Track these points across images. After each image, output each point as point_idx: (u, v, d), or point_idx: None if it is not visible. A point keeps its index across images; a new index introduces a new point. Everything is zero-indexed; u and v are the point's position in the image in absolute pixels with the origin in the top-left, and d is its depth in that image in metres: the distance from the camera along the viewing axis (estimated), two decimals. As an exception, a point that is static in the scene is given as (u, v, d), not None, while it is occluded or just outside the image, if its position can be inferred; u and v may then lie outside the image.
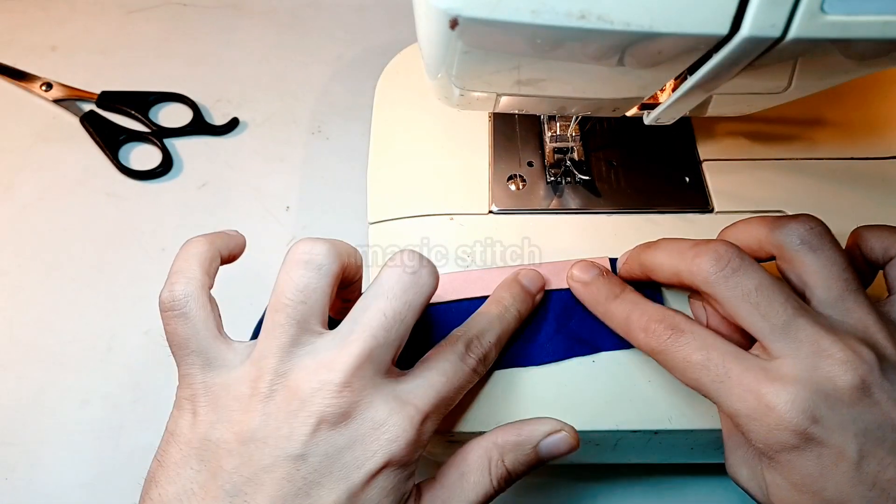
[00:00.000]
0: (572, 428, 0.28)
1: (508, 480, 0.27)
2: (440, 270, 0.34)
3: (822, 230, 0.27)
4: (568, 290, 0.32)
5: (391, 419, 0.25)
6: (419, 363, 0.28)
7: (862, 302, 0.27)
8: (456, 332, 0.29)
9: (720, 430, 0.31)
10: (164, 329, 0.27)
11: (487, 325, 0.30)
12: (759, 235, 0.29)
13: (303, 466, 0.24)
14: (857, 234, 0.30)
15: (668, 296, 0.33)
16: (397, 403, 0.25)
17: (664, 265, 0.29)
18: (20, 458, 0.37)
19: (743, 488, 0.28)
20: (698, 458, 0.34)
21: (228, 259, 0.31)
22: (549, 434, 0.28)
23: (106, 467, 0.37)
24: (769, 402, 0.24)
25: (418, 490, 0.27)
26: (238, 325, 0.41)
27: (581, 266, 0.32)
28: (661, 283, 0.31)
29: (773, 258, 0.29)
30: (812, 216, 0.28)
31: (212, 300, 0.28)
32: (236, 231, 0.32)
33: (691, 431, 0.31)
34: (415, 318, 0.26)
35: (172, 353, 0.27)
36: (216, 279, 0.42)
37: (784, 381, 0.24)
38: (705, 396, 0.26)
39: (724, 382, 0.25)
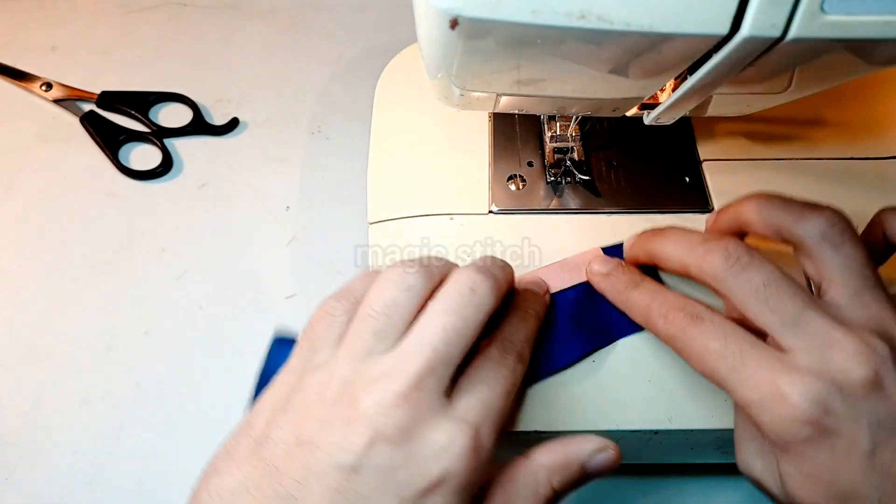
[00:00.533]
0: (616, 446, 0.28)
1: (556, 499, 0.27)
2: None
3: (844, 226, 0.27)
4: (572, 289, 0.33)
5: (449, 439, 0.24)
6: (461, 380, 0.27)
7: (880, 297, 0.27)
8: (484, 343, 0.29)
9: (720, 430, 0.31)
10: (310, 321, 0.28)
11: (514, 327, 0.30)
12: (780, 222, 0.29)
13: (355, 479, 0.24)
14: (880, 216, 0.30)
15: (665, 278, 0.32)
16: (455, 423, 0.25)
17: (672, 257, 0.29)
18: (21, 457, 0.37)
19: (755, 481, 0.28)
20: (698, 458, 0.34)
21: None
22: (597, 452, 0.27)
23: (106, 467, 0.37)
24: (783, 392, 0.24)
25: None
26: (238, 326, 0.41)
27: (599, 260, 0.33)
28: (668, 271, 0.31)
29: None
30: (834, 210, 0.28)
31: None
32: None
33: (691, 431, 0.31)
34: (475, 334, 0.26)
35: (298, 343, 0.28)
36: (216, 280, 0.42)
37: (799, 373, 0.25)
38: (720, 385, 0.26)
39: (739, 372, 0.26)
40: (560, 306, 0.32)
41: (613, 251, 0.34)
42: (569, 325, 0.32)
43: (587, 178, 0.37)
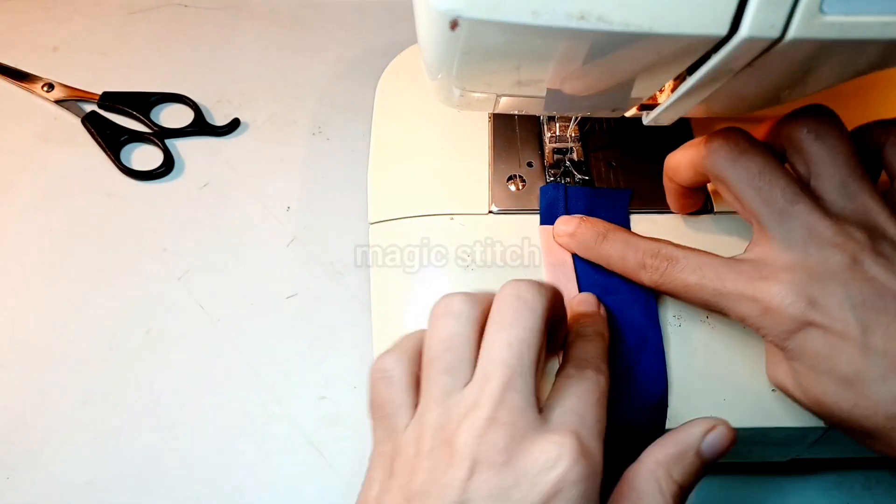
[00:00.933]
0: (724, 421, 0.27)
1: (683, 495, 0.26)
2: (440, 271, 0.34)
3: (830, 119, 0.28)
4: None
5: (556, 448, 0.24)
6: (547, 400, 0.27)
7: (866, 187, 0.27)
8: (561, 361, 0.29)
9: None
10: (369, 391, 0.28)
11: (580, 349, 0.29)
12: (772, 131, 0.30)
13: None
14: (872, 127, 0.30)
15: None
16: (556, 433, 0.24)
17: (681, 162, 0.31)
18: (21, 457, 0.37)
19: (782, 389, 0.29)
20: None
21: None
22: (707, 433, 0.27)
23: (107, 467, 0.37)
24: (764, 296, 0.26)
25: None
26: (239, 326, 0.41)
27: (562, 219, 0.34)
28: (685, 185, 0.32)
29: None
30: (821, 106, 0.29)
31: (419, 370, 0.28)
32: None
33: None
34: (541, 340, 0.26)
35: (371, 417, 0.28)
36: (216, 280, 0.43)
37: (776, 273, 0.26)
38: (716, 312, 0.28)
39: (723, 294, 0.27)
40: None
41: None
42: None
43: (587, 178, 0.37)
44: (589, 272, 0.33)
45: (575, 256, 0.34)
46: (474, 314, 0.27)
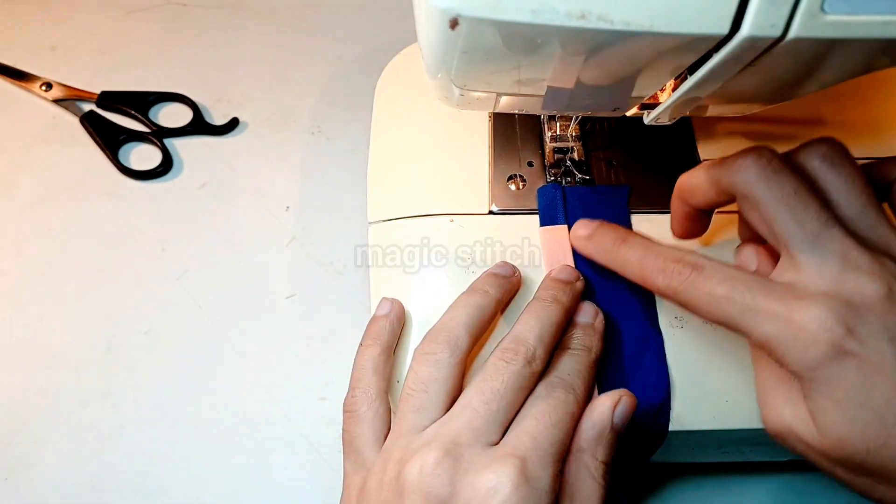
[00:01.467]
0: (624, 390, 0.28)
1: (609, 470, 0.27)
2: (440, 271, 0.34)
3: (842, 149, 0.27)
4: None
5: (496, 476, 0.25)
6: (516, 416, 0.28)
7: (883, 218, 0.27)
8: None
9: (720, 431, 0.31)
10: (343, 427, 0.30)
11: (560, 365, 0.30)
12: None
13: None
14: (883, 165, 0.30)
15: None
16: (500, 459, 0.25)
17: (702, 181, 0.29)
18: (21, 458, 0.37)
19: (786, 433, 0.27)
20: (699, 457, 0.34)
21: (397, 339, 0.33)
22: (615, 407, 0.27)
23: (106, 468, 0.37)
24: (801, 318, 0.24)
25: None
26: (238, 326, 0.41)
27: (581, 223, 0.33)
28: (701, 207, 0.30)
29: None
30: (830, 138, 0.28)
31: (386, 406, 0.30)
32: (388, 304, 0.33)
33: (692, 432, 0.31)
34: (526, 387, 0.28)
35: (343, 449, 0.30)
36: (216, 280, 0.42)
37: (813, 297, 0.24)
38: (733, 330, 0.26)
39: (752, 310, 0.25)
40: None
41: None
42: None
43: (587, 178, 0.37)
44: (590, 275, 0.33)
45: (576, 259, 0.34)
46: (454, 360, 0.29)
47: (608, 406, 0.27)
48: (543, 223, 0.35)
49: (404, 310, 0.33)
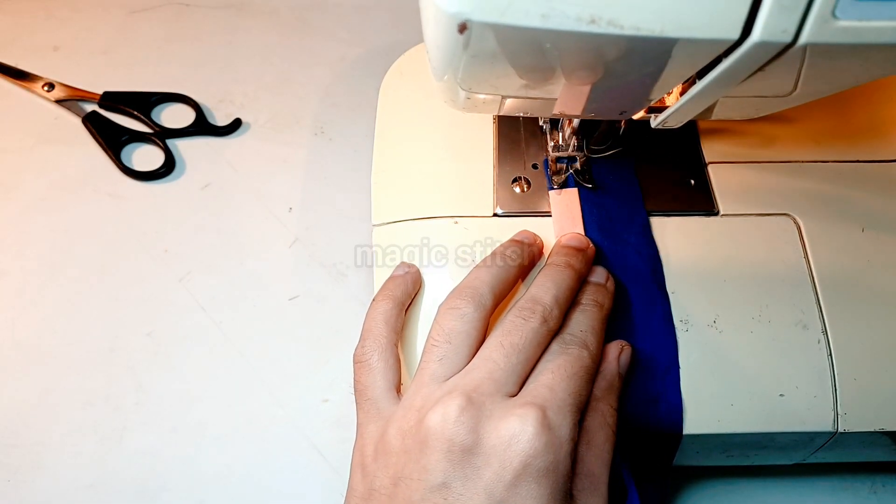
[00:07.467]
0: (622, 341, 0.31)
1: (616, 414, 0.29)
2: (440, 271, 0.34)
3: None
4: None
5: (518, 423, 0.25)
6: (531, 373, 0.29)
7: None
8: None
9: (726, 435, 0.31)
10: (354, 378, 0.31)
11: (573, 322, 0.31)
12: None
13: (449, 494, 0.25)
14: None
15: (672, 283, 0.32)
16: (520, 408, 0.26)
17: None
18: (23, 459, 0.37)
19: None
20: (704, 461, 0.34)
21: (411, 299, 0.34)
22: (619, 356, 0.30)
23: (108, 469, 0.37)
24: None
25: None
26: (241, 327, 0.41)
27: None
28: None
29: None
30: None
31: (396, 357, 0.31)
32: (405, 266, 0.34)
33: (698, 436, 0.31)
34: (540, 342, 0.29)
35: (356, 399, 0.30)
36: (218, 281, 0.42)
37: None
38: None
39: None
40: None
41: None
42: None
43: (589, 186, 0.37)
44: (599, 240, 0.34)
45: (586, 223, 0.34)
46: (477, 315, 0.29)
47: (615, 357, 0.30)
48: (551, 188, 0.36)
49: (420, 274, 0.34)
